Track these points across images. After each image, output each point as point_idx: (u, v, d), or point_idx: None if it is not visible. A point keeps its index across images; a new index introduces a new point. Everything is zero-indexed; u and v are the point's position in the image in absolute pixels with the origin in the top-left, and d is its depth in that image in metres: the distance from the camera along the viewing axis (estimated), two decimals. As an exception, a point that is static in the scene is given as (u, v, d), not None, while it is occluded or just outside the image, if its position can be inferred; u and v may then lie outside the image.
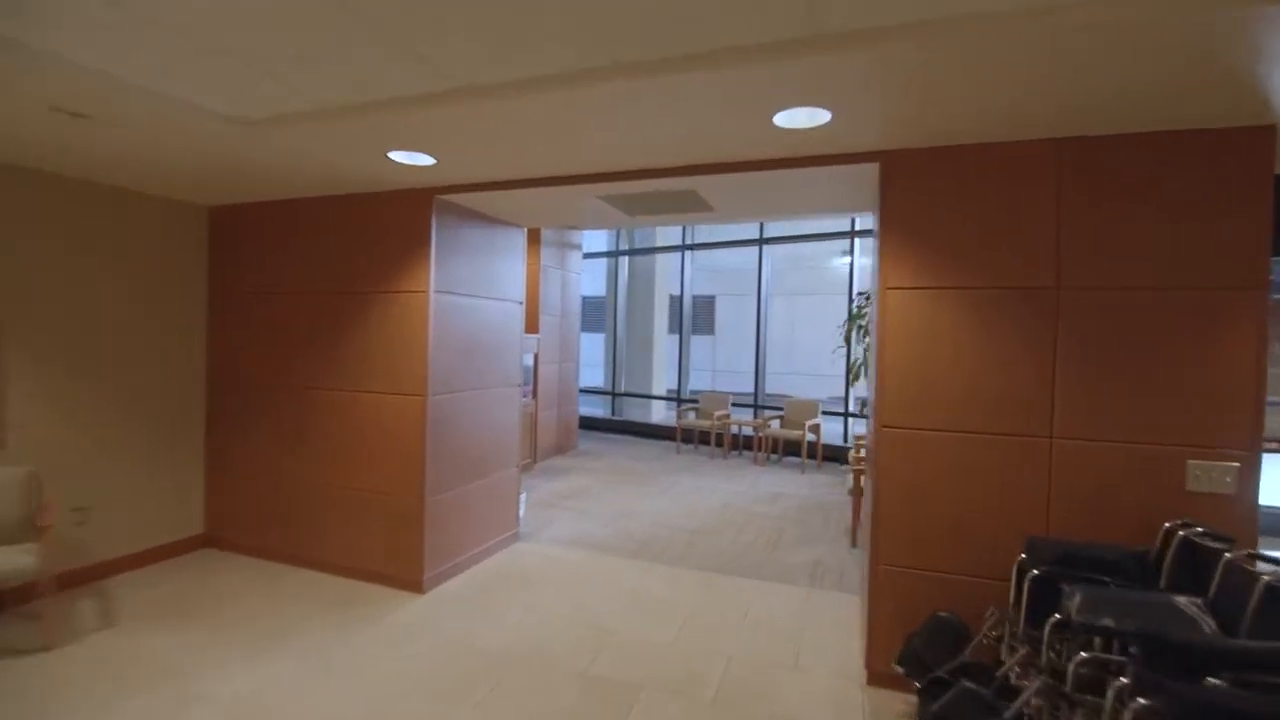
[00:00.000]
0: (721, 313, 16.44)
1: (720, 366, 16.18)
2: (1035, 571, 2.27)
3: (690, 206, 3.59)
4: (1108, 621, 1.95)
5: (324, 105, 2.41)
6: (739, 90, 2.11)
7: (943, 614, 2.50)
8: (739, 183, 3.12)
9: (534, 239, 7.07)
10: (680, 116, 2.37)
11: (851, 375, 6.89)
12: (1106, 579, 2.26)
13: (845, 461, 7.42)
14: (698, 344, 14.64)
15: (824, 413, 7.53)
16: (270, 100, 2.37)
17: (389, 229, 3.62)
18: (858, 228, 7.81)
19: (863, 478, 4.56)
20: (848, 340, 7.38)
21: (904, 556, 2.66)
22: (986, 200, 2.56)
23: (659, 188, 3.22)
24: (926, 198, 2.63)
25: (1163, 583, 2.23)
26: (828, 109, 2.24)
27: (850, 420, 8.00)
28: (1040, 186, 2.50)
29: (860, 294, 7.12)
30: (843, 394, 9.27)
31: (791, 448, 7.69)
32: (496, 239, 4.11)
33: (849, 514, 5.31)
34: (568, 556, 4.18)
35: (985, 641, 2.39)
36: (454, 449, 3.75)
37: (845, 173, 2.88)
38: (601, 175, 3.14)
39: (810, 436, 7.20)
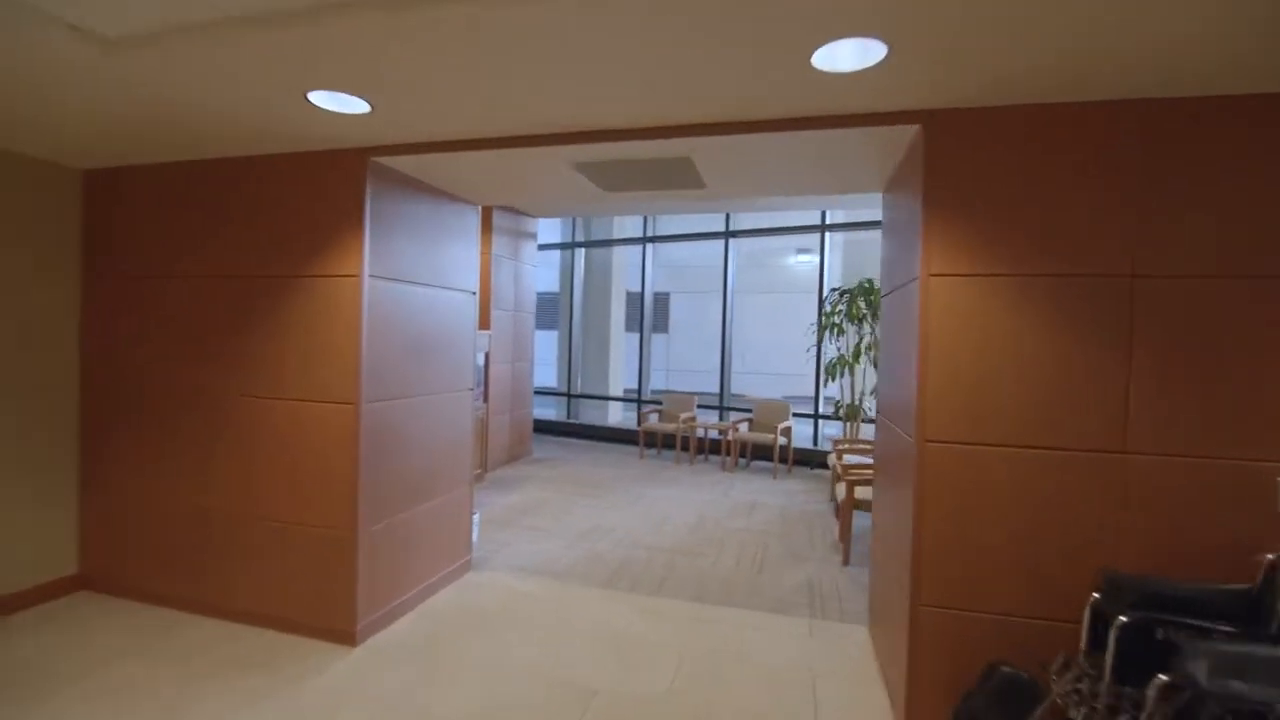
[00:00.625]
0: (676, 310, 16.07)
1: (674, 365, 15.80)
2: (1125, 618, 1.88)
3: (679, 180, 3.08)
4: (1240, 688, 1.55)
5: (218, 14, 1.77)
6: (775, 9, 1.61)
7: (1006, 669, 2.07)
8: (744, 150, 2.63)
9: (484, 226, 6.41)
10: (690, 51, 1.84)
11: (827, 375, 6.54)
12: (1205, 624, 1.89)
13: (815, 465, 7.09)
14: (652, 343, 14.17)
15: (794, 414, 7.17)
16: (143, 7, 1.72)
17: (313, 199, 2.95)
18: (829, 221, 7.49)
19: (857, 489, 4.17)
20: (819, 339, 7.04)
21: (952, 596, 2.22)
22: (1048, 171, 2.15)
23: (647, 152, 2.70)
24: (978, 167, 2.20)
25: (1276, 628, 1.86)
26: (884, 40, 1.77)
27: (820, 422, 7.67)
28: (1111, 156, 2.10)
29: (834, 290, 6.79)
30: (798, 391, 9.00)
31: (760, 451, 7.31)
32: (446, 217, 3.49)
33: (832, 525, 4.93)
34: (531, 588, 3.60)
35: (1059, 701, 1.98)
36: (395, 467, 3.11)
37: (875, 139, 2.43)
38: (577, 134, 2.59)
39: (781, 440, 6.81)
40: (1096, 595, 2.05)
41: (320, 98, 2.29)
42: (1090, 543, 2.12)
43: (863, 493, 4.17)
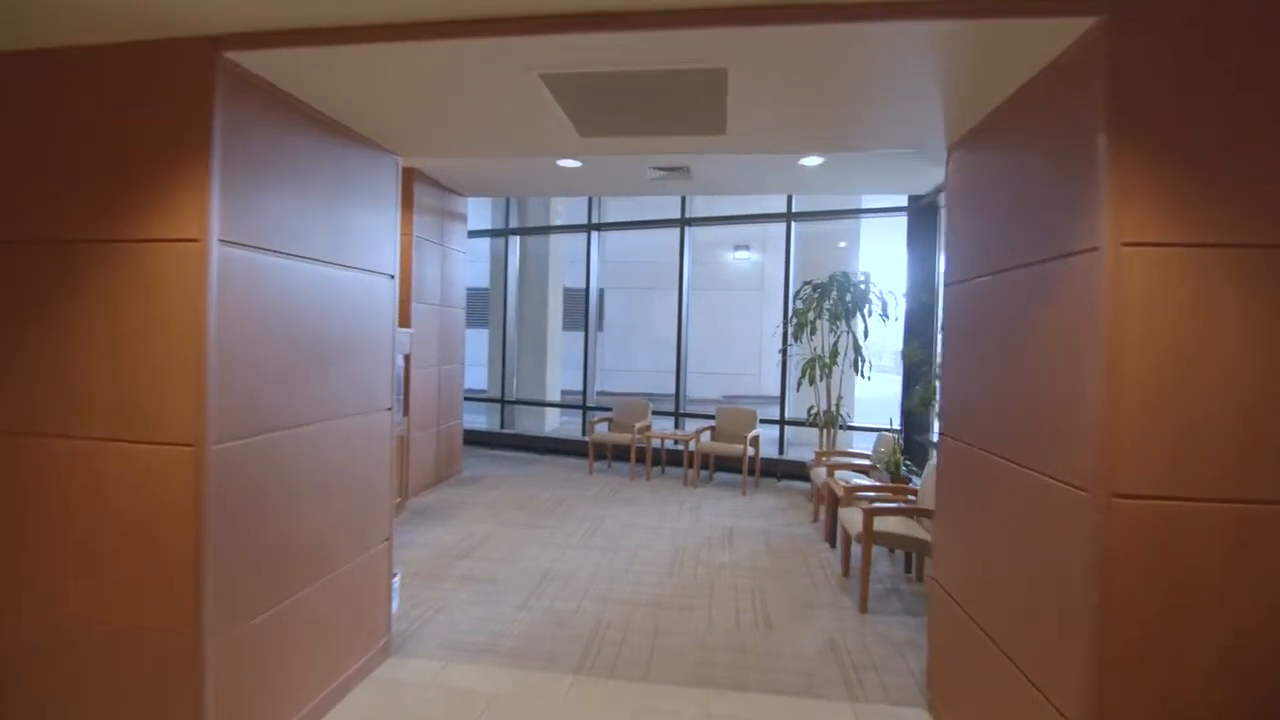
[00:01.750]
0: (611, 308, 15.21)
1: (610, 366, 14.96)
2: None
3: (695, 115, 2.20)
4: None
5: None
6: None
7: None
8: (805, 60, 1.79)
9: (404, 201, 5.28)
10: None
11: (803, 377, 5.85)
12: None
13: (782, 476, 6.43)
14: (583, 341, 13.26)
15: (760, 420, 6.46)
16: None
17: (124, 120, 1.86)
18: (795, 209, 6.83)
19: (877, 521, 3.44)
20: (785, 341, 6.36)
21: (1150, 714, 1.47)
22: (1291, 88, 1.44)
23: (658, 56, 1.80)
24: (1191, 84, 1.46)
25: None
26: None
27: (785, 429, 7.00)
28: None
29: (806, 283, 6.11)
30: (737, 391, 8.35)
31: (723, 463, 6.56)
32: (353, 166, 2.46)
33: (827, 554, 4.22)
34: (475, 682, 2.62)
35: None
36: (269, 535, 2.07)
37: (1018, 39, 1.65)
38: (551, 19, 1.66)
39: (750, 451, 6.08)
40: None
41: (100, -97, 1.25)
42: (1357, 646, 1.42)
43: (881, 524, 3.45)
